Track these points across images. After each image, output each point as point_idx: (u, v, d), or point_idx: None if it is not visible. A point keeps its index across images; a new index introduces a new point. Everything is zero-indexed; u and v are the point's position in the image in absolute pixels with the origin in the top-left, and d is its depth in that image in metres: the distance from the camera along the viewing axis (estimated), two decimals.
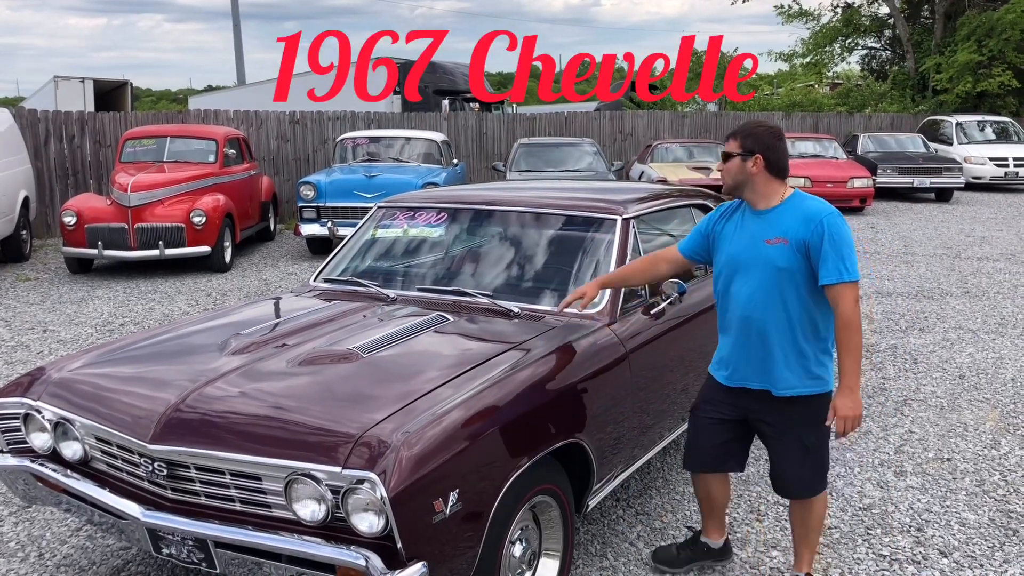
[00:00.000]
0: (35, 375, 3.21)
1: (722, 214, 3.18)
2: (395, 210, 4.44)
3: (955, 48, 24.63)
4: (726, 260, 3.08)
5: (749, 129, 2.99)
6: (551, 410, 3.01)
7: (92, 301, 8.67)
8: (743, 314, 3.02)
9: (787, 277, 2.93)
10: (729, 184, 3.04)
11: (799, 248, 2.90)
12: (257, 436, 2.63)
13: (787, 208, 2.98)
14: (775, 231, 2.95)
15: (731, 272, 3.06)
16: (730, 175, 3.02)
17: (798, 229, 2.90)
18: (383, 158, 12.41)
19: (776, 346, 2.97)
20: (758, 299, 2.97)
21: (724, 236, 3.12)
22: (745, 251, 3.02)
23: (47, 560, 3.59)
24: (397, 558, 2.40)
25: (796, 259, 2.91)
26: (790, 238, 2.91)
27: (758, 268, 2.97)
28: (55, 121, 13.36)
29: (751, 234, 3.01)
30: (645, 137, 19.14)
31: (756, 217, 3.02)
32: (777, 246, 2.93)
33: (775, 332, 2.97)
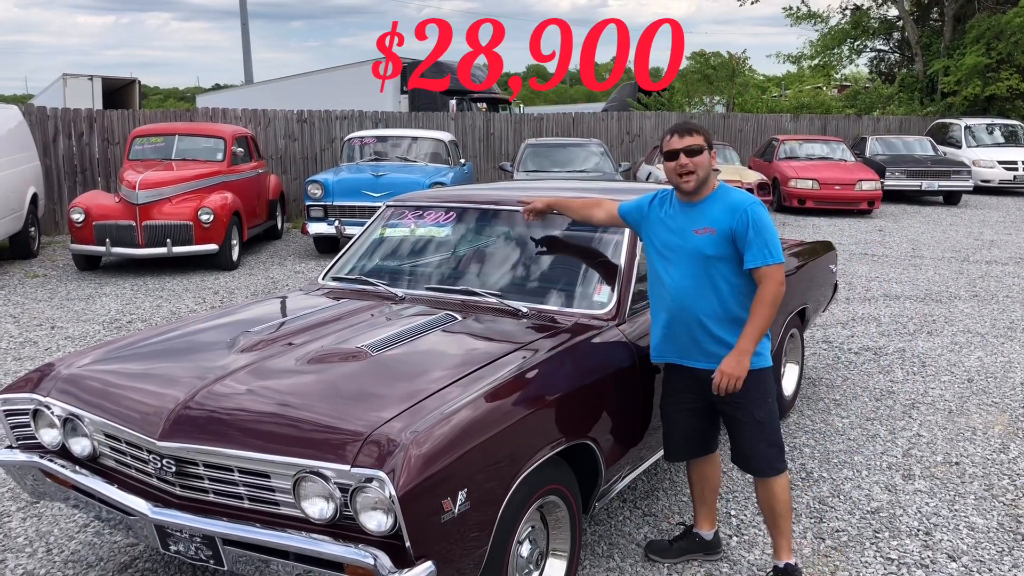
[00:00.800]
0: (44, 371, 3.22)
1: (656, 199, 3.39)
2: (404, 209, 4.44)
3: (964, 51, 24.56)
4: (659, 246, 3.28)
5: (692, 123, 3.25)
6: (559, 410, 3.00)
7: (100, 298, 8.70)
8: (677, 300, 3.20)
9: (715, 264, 3.14)
10: (701, 177, 3.17)
11: (726, 236, 3.12)
12: (266, 434, 2.63)
13: (713, 200, 3.20)
14: (703, 221, 3.16)
15: (664, 259, 3.26)
16: (703, 168, 3.17)
17: (724, 219, 3.12)
18: (390, 157, 12.42)
19: (712, 327, 3.17)
20: (690, 285, 3.17)
21: (656, 221, 3.32)
22: (675, 239, 3.22)
23: (55, 556, 3.60)
24: (405, 557, 2.40)
25: (723, 247, 3.12)
26: (717, 228, 3.12)
27: (688, 256, 3.17)
28: (64, 118, 13.40)
29: (680, 224, 3.22)
30: (652, 138, 19.12)
31: (685, 208, 3.24)
32: (705, 236, 3.14)
33: (709, 315, 3.17)
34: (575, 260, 3.91)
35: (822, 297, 5.78)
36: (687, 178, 3.16)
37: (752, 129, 20.98)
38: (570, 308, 3.64)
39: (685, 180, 3.16)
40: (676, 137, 3.18)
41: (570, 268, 3.88)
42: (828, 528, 3.86)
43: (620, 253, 3.75)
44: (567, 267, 3.90)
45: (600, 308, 3.59)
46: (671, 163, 3.18)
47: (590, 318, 3.54)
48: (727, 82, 28.32)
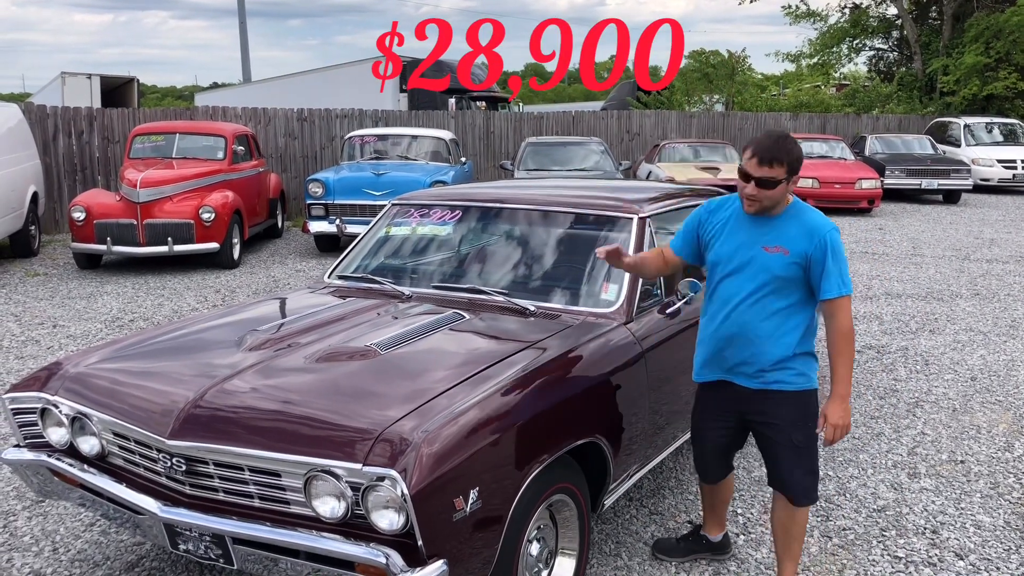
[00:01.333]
0: (52, 369, 3.21)
1: (712, 211, 3.16)
2: (409, 207, 4.44)
3: (963, 50, 24.57)
4: (718, 259, 3.08)
5: (784, 148, 2.87)
6: (569, 409, 3.00)
7: (101, 297, 8.68)
8: (733, 314, 3.02)
9: (782, 284, 2.95)
10: (765, 206, 2.95)
11: (799, 260, 2.92)
12: (276, 432, 2.62)
13: (789, 218, 2.98)
14: (776, 239, 2.96)
15: (723, 272, 3.05)
16: (772, 200, 2.93)
17: (800, 241, 2.92)
18: (391, 156, 12.41)
19: (767, 349, 3.00)
20: (749, 301, 2.99)
21: (716, 234, 3.10)
22: (740, 252, 3.01)
23: (61, 555, 3.59)
24: (417, 556, 2.40)
25: (793, 269, 2.93)
26: (791, 249, 2.93)
27: (753, 271, 2.98)
28: (64, 117, 13.38)
29: (749, 236, 3.01)
30: (652, 137, 19.11)
31: (755, 220, 3.01)
32: (776, 255, 2.94)
33: (766, 336, 2.99)
34: (582, 258, 3.90)
35: None
36: (751, 204, 2.96)
37: (751, 128, 20.97)
38: (577, 306, 3.64)
39: (748, 205, 2.97)
40: (755, 162, 2.87)
41: (577, 266, 3.87)
42: (835, 526, 3.86)
43: (628, 250, 3.74)
44: (574, 265, 3.89)
45: (608, 307, 3.59)
46: (741, 183, 2.95)
47: (598, 316, 3.54)
48: (726, 81, 28.31)
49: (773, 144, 2.87)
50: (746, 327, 3.01)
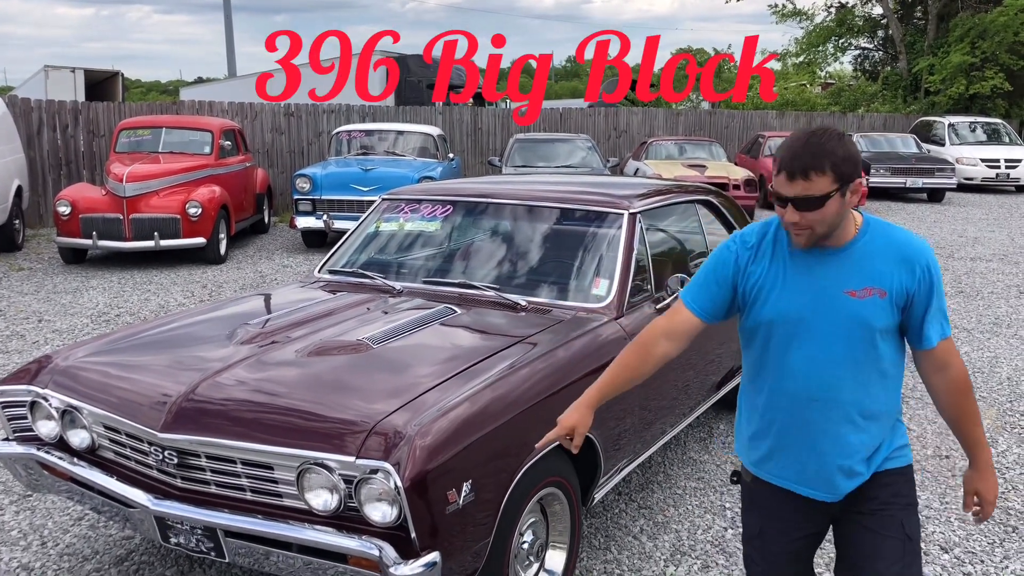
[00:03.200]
0: (42, 363, 3.20)
1: (751, 248, 2.23)
2: (400, 202, 4.44)
3: (948, 49, 24.76)
4: (774, 317, 2.17)
5: (821, 147, 2.01)
6: (560, 403, 2.99)
7: (87, 291, 8.64)
8: (809, 392, 2.16)
9: (879, 339, 2.13)
10: (821, 234, 2.08)
11: (899, 301, 2.11)
12: (269, 425, 2.63)
13: (869, 244, 2.13)
14: (863, 278, 2.11)
15: (785, 334, 2.17)
16: (827, 225, 2.06)
17: (897, 276, 2.10)
18: (378, 151, 12.39)
19: (853, 432, 2.17)
20: (837, 372, 2.13)
21: (766, 281, 2.19)
22: (811, 305, 2.14)
23: (50, 549, 3.58)
24: (410, 548, 2.41)
25: (894, 316, 2.12)
26: (888, 288, 2.10)
27: (837, 329, 2.12)
28: (48, 110, 13.28)
29: (816, 280, 2.14)
30: (640, 134, 19.16)
31: (819, 255, 2.14)
32: (870, 300, 2.10)
33: (856, 414, 2.16)
34: (573, 253, 3.92)
35: None
36: (798, 235, 2.09)
37: (738, 126, 21.06)
38: (569, 301, 3.65)
39: (796, 236, 2.10)
40: (784, 178, 2.03)
41: (569, 261, 3.89)
42: None
43: (618, 246, 3.76)
44: (566, 260, 3.91)
45: (599, 301, 3.61)
46: (778, 208, 2.10)
47: (589, 311, 3.55)
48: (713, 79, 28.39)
49: (803, 147, 2.01)
50: (830, 407, 2.16)
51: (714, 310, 2.25)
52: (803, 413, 2.18)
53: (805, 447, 2.20)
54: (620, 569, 3.46)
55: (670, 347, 2.29)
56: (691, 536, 3.73)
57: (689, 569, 3.47)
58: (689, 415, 4.20)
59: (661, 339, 2.29)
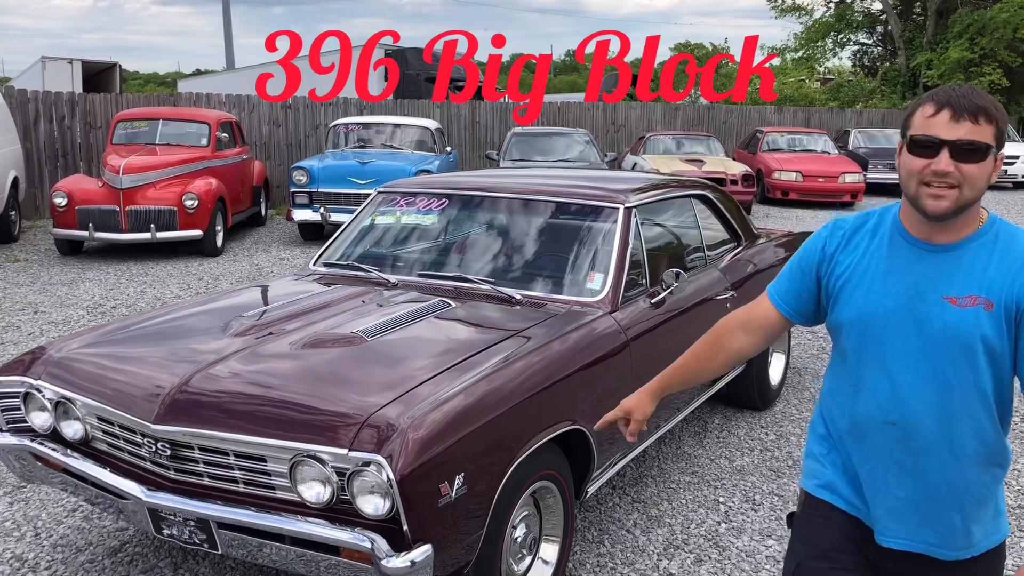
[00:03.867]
0: (36, 354, 3.20)
1: (843, 233, 1.92)
2: (396, 195, 4.43)
3: (947, 45, 24.77)
4: (855, 318, 1.84)
5: (987, 102, 1.70)
6: (553, 397, 3.02)
7: (83, 283, 8.63)
8: (894, 417, 1.80)
9: (980, 361, 1.74)
10: (968, 200, 1.72)
11: (1009, 317, 1.72)
12: (262, 417, 2.63)
13: (989, 245, 1.77)
14: (967, 282, 1.74)
15: (864, 339, 1.84)
16: (977, 187, 1.71)
17: (1010, 282, 1.72)
18: (376, 144, 12.38)
19: (953, 475, 1.78)
20: (927, 395, 1.77)
21: (854, 274, 1.86)
22: (901, 307, 1.79)
23: (43, 540, 3.58)
24: (403, 540, 2.41)
25: (1000, 335, 1.73)
26: (995, 298, 1.72)
27: (931, 341, 1.76)
28: (45, 102, 13.24)
29: (917, 279, 1.78)
30: (638, 129, 19.15)
31: (922, 252, 1.79)
32: (973, 309, 1.73)
33: (969, 455, 1.78)
34: (568, 247, 3.92)
35: None
36: (940, 194, 1.70)
37: (736, 121, 21.05)
38: (563, 295, 3.65)
39: (935, 197, 1.71)
40: (948, 115, 1.69)
41: (563, 255, 3.89)
42: None
43: (613, 240, 3.76)
44: (560, 254, 3.91)
45: (593, 295, 3.61)
46: (918, 161, 1.71)
47: (583, 305, 3.55)
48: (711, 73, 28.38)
49: (972, 92, 1.71)
50: (931, 442, 1.78)
51: (798, 304, 1.97)
52: (890, 442, 1.81)
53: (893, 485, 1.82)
54: (613, 563, 3.47)
55: (746, 341, 2.03)
56: (684, 530, 3.74)
57: (682, 563, 3.48)
58: (684, 409, 4.20)
59: (737, 331, 2.04)
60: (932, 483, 1.78)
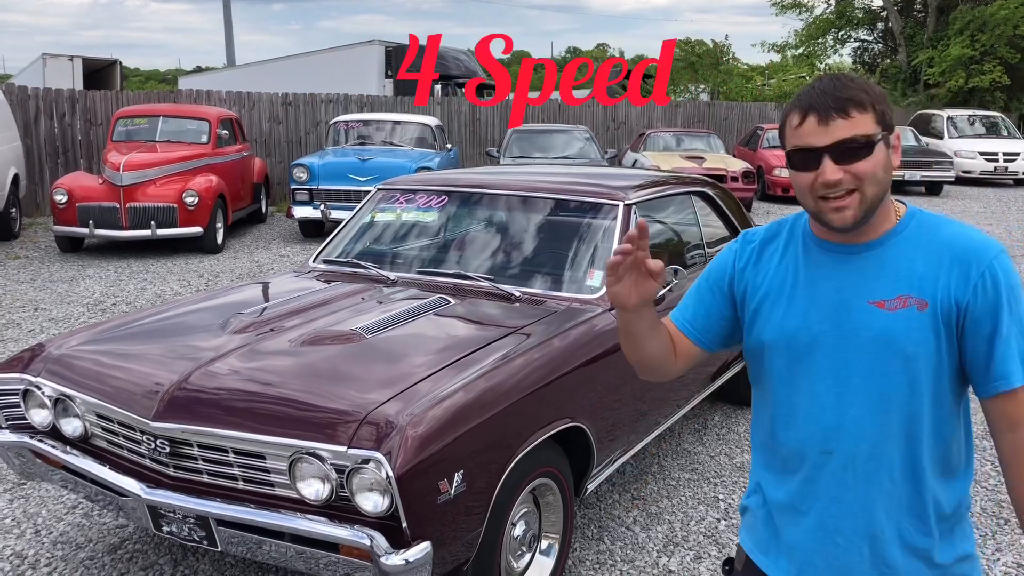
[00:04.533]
0: (35, 351, 3.20)
1: (753, 246, 1.72)
2: (395, 192, 4.43)
3: (947, 42, 24.76)
4: (776, 339, 1.63)
5: (855, 83, 1.53)
6: (553, 394, 3.02)
7: (83, 280, 8.63)
8: (826, 446, 1.58)
9: (919, 370, 1.51)
10: (874, 198, 1.53)
11: (946, 317, 1.50)
12: (261, 415, 2.63)
13: (912, 238, 1.57)
14: (896, 283, 1.53)
15: (790, 362, 1.61)
16: (878, 182, 1.52)
17: (943, 279, 1.51)
18: (376, 142, 12.37)
19: (895, 509, 1.56)
20: (861, 416, 1.55)
21: (770, 290, 1.65)
22: (827, 320, 1.57)
23: (43, 537, 3.58)
24: (402, 538, 2.41)
25: (939, 337, 1.51)
26: (928, 296, 1.51)
27: (860, 354, 1.54)
28: (45, 99, 13.24)
29: (837, 287, 1.58)
30: (638, 125, 19.14)
31: (836, 256, 1.60)
32: (903, 312, 1.51)
33: (892, 482, 1.55)
34: (567, 245, 3.91)
35: None
36: (841, 205, 1.52)
37: (737, 117, 21.04)
38: (563, 292, 3.65)
39: (837, 209, 1.52)
40: (813, 122, 1.51)
41: (563, 252, 3.89)
42: None
43: (613, 238, 3.76)
44: (559, 251, 3.91)
45: (592, 292, 3.61)
46: (804, 175, 1.53)
47: (583, 302, 3.55)
48: (712, 70, 28.38)
49: (832, 84, 1.53)
50: (857, 467, 1.56)
51: (706, 326, 1.74)
52: (822, 477, 1.58)
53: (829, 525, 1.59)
54: (613, 560, 3.47)
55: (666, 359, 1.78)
56: (684, 527, 3.74)
57: (682, 560, 3.48)
58: (684, 406, 4.20)
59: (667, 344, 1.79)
60: (881, 517, 1.55)
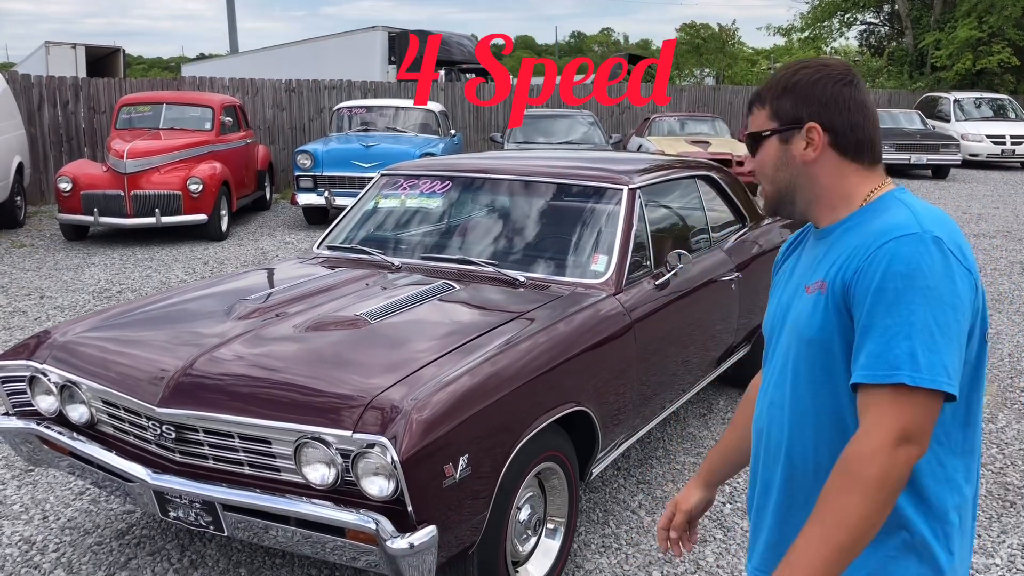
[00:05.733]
0: (41, 338, 3.21)
1: (790, 243, 1.76)
2: (399, 178, 4.42)
3: (955, 24, 24.58)
4: (764, 325, 1.71)
5: (785, 81, 1.55)
6: (558, 378, 3.02)
7: (88, 268, 8.64)
8: (759, 427, 1.63)
9: (826, 360, 1.47)
10: (770, 194, 1.62)
11: (836, 297, 1.45)
12: (266, 400, 2.63)
13: (858, 223, 1.51)
14: (822, 268, 1.51)
15: (766, 347, 1.67)
16: (766, 177, 1.61)
17: (843, 260, 1.46)
18: (380, 128, 12.35)
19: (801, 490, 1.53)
20: (779, 399, 1.56)
21: (775, 284, 1.73)
22: (779, 308, 1.63)
23: (51, 523, 3.60)
24: (407, 522, 2.42)
25: (830, 324, 1.45)
26: (828, 279, 1.47)
27: (784, 340, 1.57)
28: (49, 87, 13.22)
29: (797, 272, 1.63)
30: (643, 111, 19.06)
31: (814, 241, 1.62)
32: (813, 296, 1.49)
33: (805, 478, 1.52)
34: (572, 229, 3.90)
35: None
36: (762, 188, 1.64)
37: (742, 101, 20.93)
38: (567, 277, 3.65)
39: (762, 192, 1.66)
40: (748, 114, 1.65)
41: (567, 237, 3.88)
42: None
43: (617, 222, 3.75)
44: (564, 236, 3.90)
45: (597, 277, 3.60)
46: None
47: (587, 287, 3.55)
48: (717, 54, 28.24)
49: (769, 79, 1.64)
50: (781, 451, 1.56)
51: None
52: (758, 458, 1.62)
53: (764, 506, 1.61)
54: (618, 543, 3.48)
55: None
56: None
57: None
58: (689, 391, 4.20)
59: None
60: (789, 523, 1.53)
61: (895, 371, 1.33)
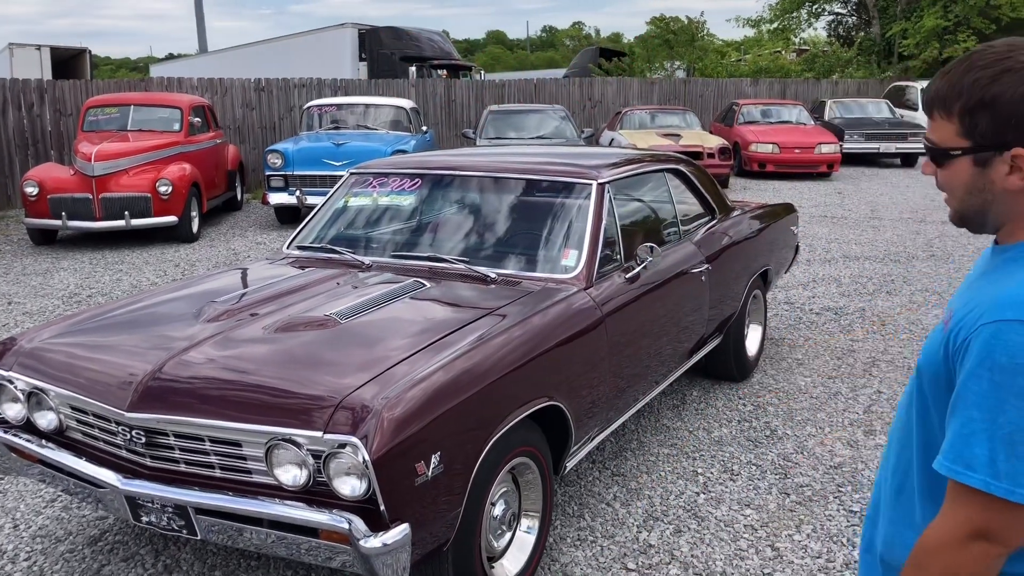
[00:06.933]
0: (6, 345, 3.17)
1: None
2: (368, 176, 4.41)
3: (921, 13, 24.82)
4: None
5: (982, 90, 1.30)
6: (529, 373, 3.03)
7: (57, 272, 8.54)
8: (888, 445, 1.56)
9: (926, 389, 1.40)
10: (956, 213, 1.44)
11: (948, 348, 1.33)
12: (236, 402, 2.62)
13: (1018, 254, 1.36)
14: (965, 294, 1.40)
15: None
16: (955, 196, 1.41)
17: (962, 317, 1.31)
18: (351, 126, 12.29)
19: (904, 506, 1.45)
20: (898, 420, 1.53)
21: None
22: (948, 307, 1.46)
23: (22, 531, 3.57)
24: (380, 521, 2.42)
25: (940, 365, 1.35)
26: (952, 324, 1.33)
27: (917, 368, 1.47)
28: (12, 89, 13.04)
29: (969, 279, 1.49)
30: (614, 104, 19.10)
31: (990, 254, 1.46)
32: (941, 325, 1.40)
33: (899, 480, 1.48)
34: (542, 225, 3.91)
35: (784, 259, 5.86)
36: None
37: (713, 94, 21.03)
38: (538, 273, 3.66)
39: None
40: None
41: (537, 233, 3.89)
42: (793, 484, 3.95)
43: (587, 217, 3.76)
44: (534, 232, 3.91)
45: (568, 272, 3.61)
46: None
47: (558, 282, 3.56)
48: (687, 47, 28.34)
49: (943, 70, 1.38)
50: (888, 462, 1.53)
51: None
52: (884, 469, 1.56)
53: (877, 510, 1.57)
54: (594, 536, 3.50)
55: None
56: (664, 502, 3.77)
57: (662, 534, 3.51)
58: (662, 382, 4.23)
59: None
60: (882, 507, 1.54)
61: (970, 471, 1.22)
